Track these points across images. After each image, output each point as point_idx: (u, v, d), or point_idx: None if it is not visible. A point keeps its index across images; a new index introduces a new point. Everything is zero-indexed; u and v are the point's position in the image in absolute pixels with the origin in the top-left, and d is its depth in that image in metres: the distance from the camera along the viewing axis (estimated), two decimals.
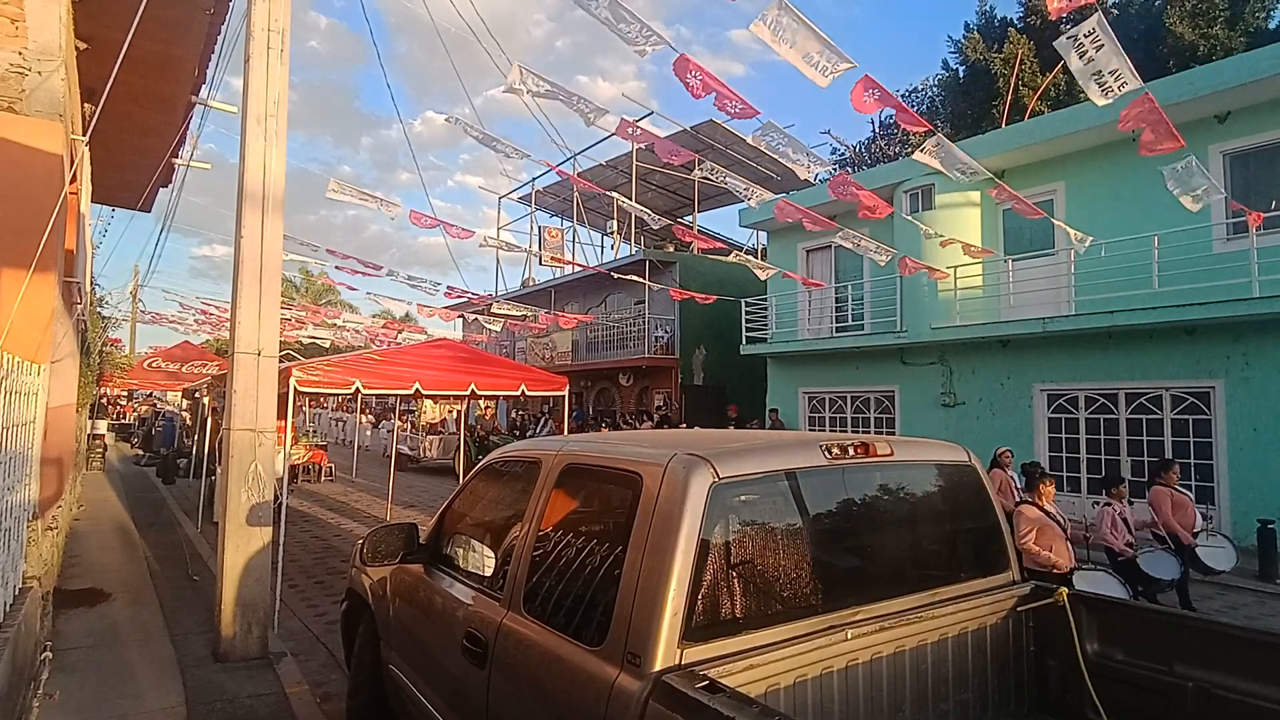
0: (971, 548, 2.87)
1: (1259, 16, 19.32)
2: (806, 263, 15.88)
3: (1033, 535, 5.50)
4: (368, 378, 6.65)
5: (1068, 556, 5.54)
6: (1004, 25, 23.13)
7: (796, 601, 2.28)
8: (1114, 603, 2.88)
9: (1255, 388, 9.44)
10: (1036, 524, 5.58)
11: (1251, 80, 9.30)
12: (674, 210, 24.88)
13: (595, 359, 21.71)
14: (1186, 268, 9.57)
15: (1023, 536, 5.44)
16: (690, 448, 2.31)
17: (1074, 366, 11.14)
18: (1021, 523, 5.56)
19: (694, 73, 5.60)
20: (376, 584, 3.82)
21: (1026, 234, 11.89)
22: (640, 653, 1.98)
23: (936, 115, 24.74)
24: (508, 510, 3.13)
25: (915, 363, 13.36)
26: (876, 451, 2.61)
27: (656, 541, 2.10)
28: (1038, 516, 5.62)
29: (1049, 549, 5.46)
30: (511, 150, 7.56)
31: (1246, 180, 9.85)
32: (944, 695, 2.60)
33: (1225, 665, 2.45)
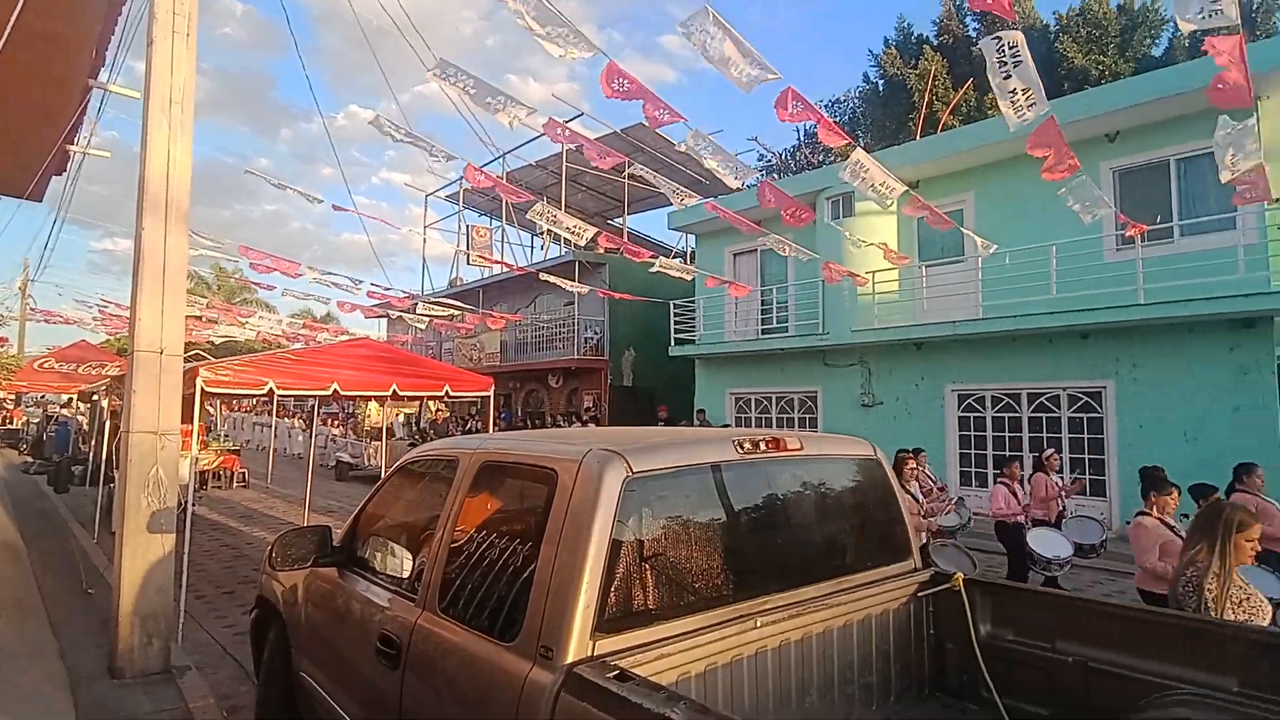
0: (876, 537, 3.01)
1: (1145, 44, 20.86)
2: (733, 266, 16.19)
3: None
4: (282, 378, 6.41)
5: None
6: (920, 42, 24.19)
7: (709, 592, 2.35)
8: (1004, 586, 3.07)
9: (1142, 388, 10.18)
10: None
11: (1137, 103, 10.05)
12: (604, 212, 24.94)
13: (524, 360, 21.52)
14: (1081, 276, 10.25)
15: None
16: (605, 443, 2.34)
17: (982, 368, 11.75)
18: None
19: (621, 80, 5.65)
20: (288, 590, 3.70)
21: (939, 241, 12.47)
22: (553, 646, 2.00)
23: (858, 126, 25.66)
24: (424, 510, 3.09)
25: (836, 364, 13.81)
26: (787, 446, 2.71)
27: (571, 536, 2.12)
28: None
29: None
30: (436, 151, 7.43)
31: (1133, 195, 10.62)
32: (849, 679, 2.72)
33: (1101, 640, 2.65)
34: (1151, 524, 4.67)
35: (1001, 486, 7.16)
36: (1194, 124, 9.60)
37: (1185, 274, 9.51)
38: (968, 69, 20.97)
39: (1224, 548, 2.98)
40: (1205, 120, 8.81)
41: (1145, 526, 4.66)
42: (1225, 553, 2.97)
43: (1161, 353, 10.01)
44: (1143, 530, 4.66)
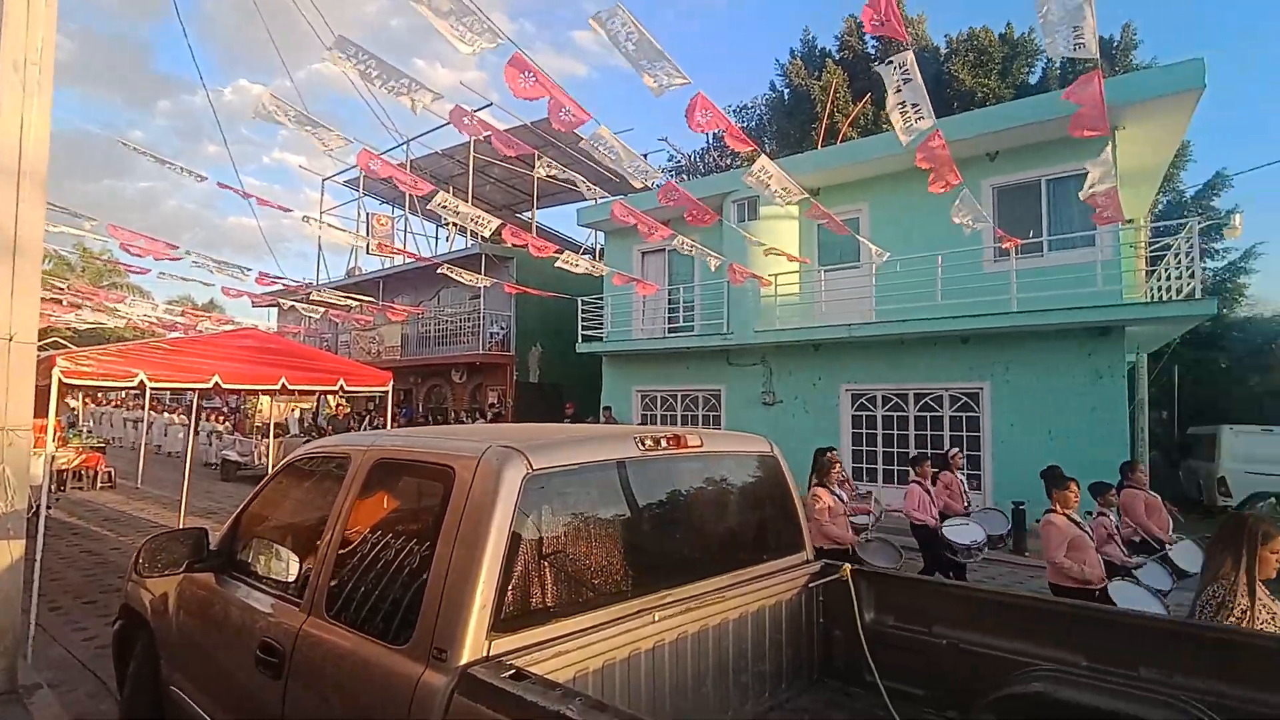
0: (772, 531, 3.11)
1: (1023, 72, 22.53)
2: (642, 264, 16.32)
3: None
4: (155, 369, 5.94)
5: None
6: (823, 55, 25.15)
7: (608, 588, 2.36)
8: (887, 575, 3.24)
9: (1014, 389, 11.00)
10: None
11: (1012, 126, 10.85)
12: (513, 205, 24.55)
13: (427, 355, 20.90)
14: (963, 284, 10.96)
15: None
16: (505, 440, 2.31)
17: (874, 369, 12.36)
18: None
19: (528, 74, 5.57)
20: (158, 599, 3.44)
21: (838, 247, 13.01)
22: (447, 647, 1.95)
23: (764, 132, 26.42)
24: (312, 510, 2.94)
25: (740, 363, 14.17)
26: (688, 444, 2.76)
27: (468, 534, 2.08)
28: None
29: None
30: (328, 137, 7.07)
31: (1010, 211, 11.45)
32: (743, 668, 2.80)
33: (972, 623, 2.85)
34: (1061, 522, 4.86)
35: (915, 485, 7.36)
36: (1062, 149, 10.45)
37: (1052, 285, 10.36)
38: (867, 84, 21.97)
39: (1250, 563, 2.86)
40: (1071, 145, 9.63)
41: (1055, 524, 4.86)
42: (1251, 568, 2.85)
43: (1030, 357, 10.85)
44: (1053, 528, 4.85)
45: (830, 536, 5.92)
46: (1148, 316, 10.00)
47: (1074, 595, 4.56)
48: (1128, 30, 22.09)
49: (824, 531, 5.91)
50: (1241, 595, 2.78)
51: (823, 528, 5.91)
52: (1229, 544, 2.95)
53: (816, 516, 5.90)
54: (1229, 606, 2.76)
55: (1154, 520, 6.76)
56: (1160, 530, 6.68)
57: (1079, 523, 5.00)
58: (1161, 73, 10.44)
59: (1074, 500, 5.00)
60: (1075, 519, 4.98)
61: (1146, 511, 6.83)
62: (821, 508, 6.00)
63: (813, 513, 5.92)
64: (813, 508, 5.97)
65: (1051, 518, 4.93)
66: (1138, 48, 22.06)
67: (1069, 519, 4.92)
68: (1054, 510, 4.97)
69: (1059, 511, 4.94)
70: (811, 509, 5.95)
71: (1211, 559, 3.00)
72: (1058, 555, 4.78)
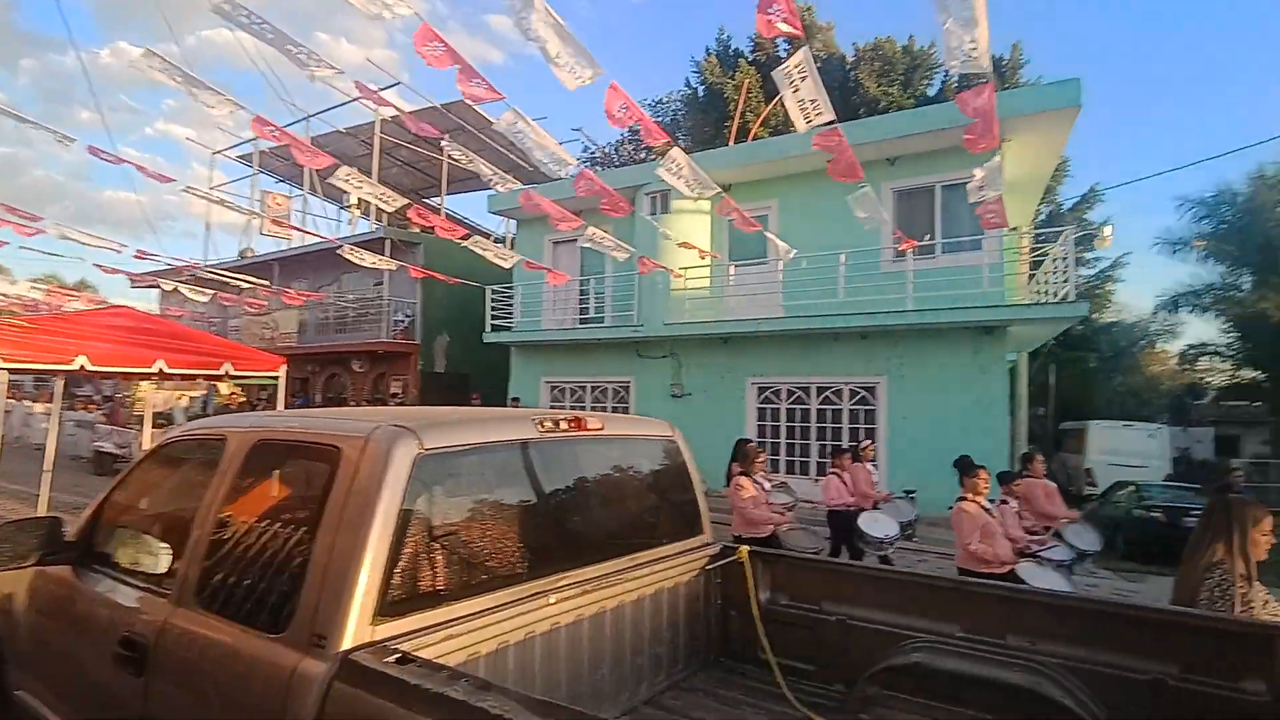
0: (672, 514, 3.14)
1: (924, 83, 23.73)
2: (553, 254, 16.17)
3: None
4: (8, 349, 5.39)
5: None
6: (737, 55, 25.64)
7: (503, 570, 2.31)
8: (781, 556, 3.34)
9: (907, 384, 11.59)
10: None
11: (910, 133, 11.40)
12: (421, 189, 23.80)
13: (326, 342, 19.97)
14: (863, 283, 11.44)
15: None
16: (396, 420, 2.22)
17: (779, 362, 12.73)
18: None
19: (435, 45, 5.39)
20: (3, 597, 3.12)
21: (747, 243, 13.29)
22: (327, 634, 1.86)
23: (679, 128, 26.69)
24: (184, 496, 2.74)
25: (649, 355, 14.28)
26: (588, 426, 2.74)
27: (353, 516, 1.99)
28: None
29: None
30: (217, 101, 6.60)
31: (907, 214, 12.03)
32: (640, 650, 2.82)
33: (858, 600, 2.97)
34: (973, 509, 4.93)
35: (833, 476, 7.49)
36: (955, 157, 11.04)
37: (943, 286, 10.96)
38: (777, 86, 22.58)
39: (1243, 546, 2.85)
40: (964, 154, 10.17)
41: (967, 512, 4.93)
42: (1245, 551, 2.84)
43: (922, 353, 11.45)
44: (965, 515, 4.91)
45: (753, 523, 5.90)
46: (1027, 317, 10.74)
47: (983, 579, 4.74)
48: (1016, 50, 23.64)
49: (747, 519, 5.91)
50: (1240, 580, 2.77)
51: (746, 515, 5.90)
52: (1220, 530, 2.91)
53: (740, 504, 5.91)
54: (1231, 596, 2.73)
55: (1052, 507, 7.22)
56: (1059, 515, 7.13)
57: (989, 509, 5.09)
58: (1043, 90, 11.22)
59: (984, 488, 5.08)
60: (986, 506, 5.07)
61: (1044, 499, 7.32)
62: (746, 496, 5.98)
63: (737, 501, 5.94)
64: (737, 496, 5.96)
65: (964, 505, 5.00)
66: (1025, 66, 23.65)
67: (980, 506, 5.01)
68: (965, 498, 5.04)
69: (970, 499, 5.01)
70: (735, 497, 5.96)
71: (1200, 546, 2.94)
72: (972, 541, 4.86)
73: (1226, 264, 23.71)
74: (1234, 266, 23.63)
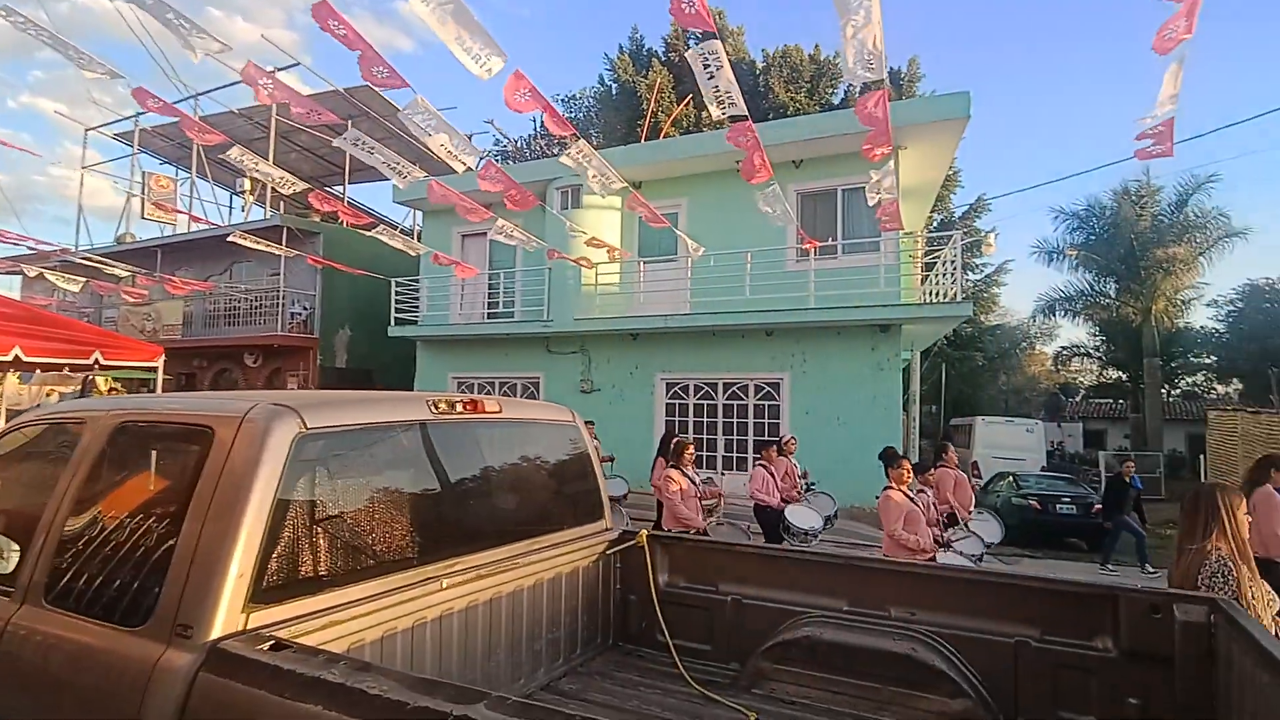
0: (571, 499, 3.13)
1: (829, 91, 24.64)
2: (462, 247, 15.81)
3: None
4: None
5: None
6: (650, 54, 25.84)
7: (392, 555, 2.24)
8: (680, 540, 3.39)
9: (809, 380, 12.00)
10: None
11: (814, 137, 11.82)
12: (323, 177, 22.76)
13: (215, 335, 18.77)
14: (769, 281, 11.78)
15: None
16: (276, 399, 2.11)
17: (687, 359, 12.92)
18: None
19: (336, 24, 5.17)
20: None
21: (657, 240, 13.43)
22: (193, 624, 1.75)
23: (592, 125, 26.65)
24: (32, 487, 2.51)
25: (559, 351, 14.19)
26: (485, 408, 2.69)
27: (225, 500, 1.87)
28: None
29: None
30: (93, 63, 6.09)
31: (811, 215, 12.46)
32: (537, 636, 2.79)
33: (752, 579, 3.06)
34: (899, 498, 5.08)
35: (760, 469, 7.56)
36: (856, 162, 11.44)
37: (843, 285, 11.42)
38: (690, 86, 22.89)
39: (1234, 529, 2.88)
40: (864, 160, 10.66)
41: (893, 500, 5.07)
42: (1236, 534, 2.88)
43: (823, 350, 11.89)
44: (891, 503, 5.05)
45: (681, 518, 5.87)
46: (920, 316, 11.34)
47: None
48: (914, 64, 24.93)
49: (676, 514, 5.86)
50: (1238, 562, 2.80)
51: (675, 510, 5.85)
52: (1211, 516, 2.94)
53: (669, 498, 5.85)
54: (1233, 582, 2.73)
55: (959, 496, 7.47)
56: (965, 505, 7.50)
57: (912, 497, 5.26)
58: (934, 101, 11.88)
59: (907, 477, 5.24)
60: (909, 494, 5.25)
61: (955, 488, 7.53)
62: (675, 490, 5.93)
63: (665, 495, 5.88)
64: (666, 489, 5.91)
65: (890, 493, 5.15)
66: (922, 80, 24.96)
67: (905, 495, 5.17)
68: (891, 487, 5.20)
69: (896, 488, 5.17)
70: (665, 491, 5.91)
71: (1190, 533, 2.98)
72: (896, 528, 5.00)
73: (1094, 272, 25.85)
74: (1100, 275, 25.79)
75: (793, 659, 2.81)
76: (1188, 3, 3.37)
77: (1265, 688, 1.79)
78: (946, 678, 2.54)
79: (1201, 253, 23.59)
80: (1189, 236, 23.39)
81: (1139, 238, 23.94)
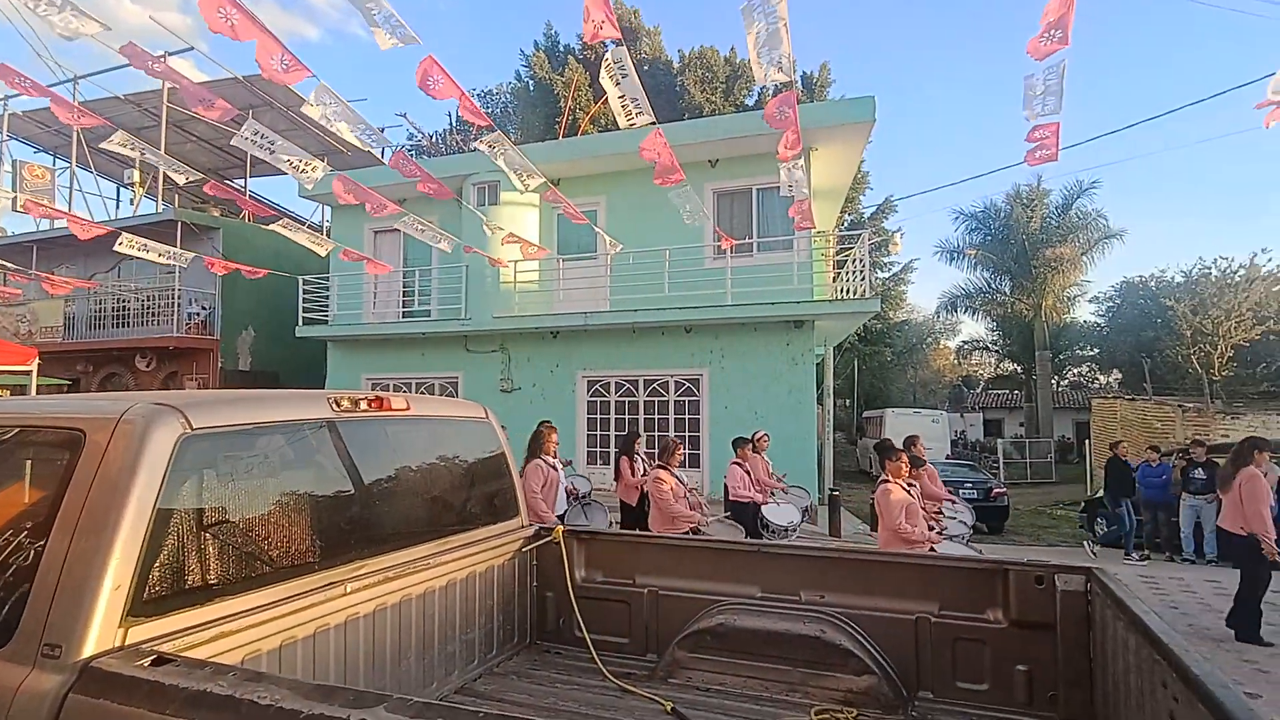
0: (485, 497, 3.07)
1: (743, 93, 25.13)
2: (374, 243, 15.29)
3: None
4: None
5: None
6: (566, 52, 25.68)
7: (290, 561, 2.14)
8: (597, 535, 3.37)
9: (727, 375, 12.22)
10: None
11: (729, 137, 12.04)
12: (221, 169, 21.52)
13: (102, 338, 17.45)
14: (687, 278, 11.92)
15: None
16: (158, 399, 1.97)
17: (608, 356, 12.92)
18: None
19: (226, 12, 4.89)
20: None
21: (576, 238, 13.37)
22: (61, 642, 1.61)
23: (509, 121, 26.28)
24: None
25: (478, 350, 13.93)
26: (391, 406, 2.60)
27: (98, 509, 1.73)
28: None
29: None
30: None
31: (727, 214, 12.69)
32: (450, 637, 2.73)
33: (668, 571, 3.08)
34: (898, 491, 4.95)
35: (735, 467, 7.44)
36: (770, 162, 11.72)
37: (759, 282, 11.68)
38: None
39: None
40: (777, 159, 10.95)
41: (892, 493, 4.92)
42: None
43: (741, 346, 12.14)
44: (890, 497, 4.90)
45: (680, 516, 5.68)
46: (831, 312, 11.72)
47: None
48: (825, 69, 25.73)
49: (671, 512, 5.65)
50: None
51: (670, 509, 5.65)
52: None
53: (661, 498, 5.67)
54: None
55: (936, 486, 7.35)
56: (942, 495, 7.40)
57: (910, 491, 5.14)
58: (842, 105, 12.31)
59: (904, 471, 5.12)
60: (906, 487, 5.11)
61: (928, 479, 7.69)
62: (666, 489, 5.72)
63: (657, 495, 5.66)
64: (657, 490, 5.71)
65: (889, 487, 5.00)
66: (832, 85, 25.79)
67: (902, 488, 5.04)
68: (888, 480, 5.06)
69: (894, 481, 5.04)
70: (655, 491, 5.68)
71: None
72: (901, 521, 4.83)
73: (991, 271, 27.45)
74: (996, 273, 27.40)
75: (708, 647, 2.85)
76: (1058, 14, 3.61)
77: (1134, 649, 1.94)
78: (853, 656, 2.63)
79: (1084, 252, 25.44)
80: (1073, 237, 25.16)
81: (1030, 238, 25.59)
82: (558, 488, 5.86)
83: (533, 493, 5.49)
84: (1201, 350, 25.60)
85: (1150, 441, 13.45)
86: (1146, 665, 1.80)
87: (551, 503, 5.67)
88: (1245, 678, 4.71)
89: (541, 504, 5.52)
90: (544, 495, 5.55)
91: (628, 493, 7.24)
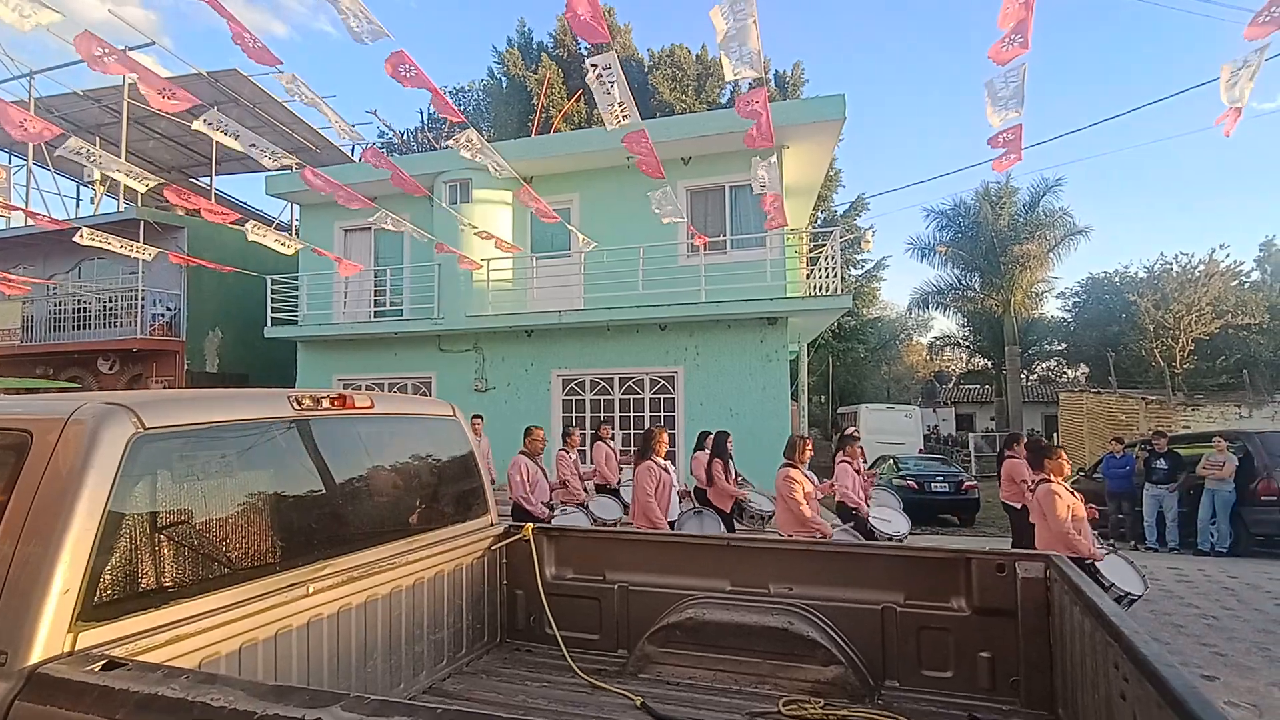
0: (452, 495, 3.05)
1: (715, 91, 25.21)
2: (344, 242, 15.09)
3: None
4: None
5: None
6: (540, 49, 25.56)
7: (250, 562, 2.10)
8: (566, 531, 3.36)
9: (702, 372, 12.26)
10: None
11: (702, 135, 12.07)
12: (186, 167, 21.13)
13: (62, 340, 17.02)
14: (661, 276, 11.93)
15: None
16: (109, 399, 1.93)
17: (582, 354, 12.89)
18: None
19: None
20: None
21: (550, 236, 13.32)
22: (8, 649, 1.57)
23: (482, 118, 26.09)
24: None
25: (451, 350, 13.81)
26: (355, 404, 2.57)
27: (45, 512, 1.69)
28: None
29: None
30: None
31: (701, 211, 12.73)
32: (418, 637, 2.70)
33: (638, 566, 3.08)
34: (1063, 492, 4.66)
35: (845, 466, 6.84)
36: (743, 159, 11.82)
37: (733, 280, 11.73)
38: (579, 82, 22.84)
39: None
40: (750, 157, 10.99)
41: (1058, 495, 4.61)
42: None
43: (716, 343, 12.19)
44: (1056, 499, 4.59)
45: (805, 525, 5.21)
46: (805, 309, 11.80)
47: None
48: (798, 68, 25.90)
49: (799, 516, 5.22)
50: None
51: (798, 514, 5.23)
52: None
53: (792, 499, 5.25)
54: None
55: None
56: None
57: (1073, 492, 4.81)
58: (812, 103, 12.38)
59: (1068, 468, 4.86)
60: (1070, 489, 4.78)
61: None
62: (799, 492, 5.29)
63: (787, 495, 5.30)
64: (788, 490, 5.31)
65: (1052, 487, 4.70)
66: (806, 84, 25.97)
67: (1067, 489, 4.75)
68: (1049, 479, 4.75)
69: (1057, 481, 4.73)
70: (786, 492, 5.32)
71: None
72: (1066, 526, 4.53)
73: (961, 267, 27.84)
74: (966, 270, 27.80)
75: (678, 641, 2.86)
76: (1018, 18, 3.67)
77: (1089, 633, 1.98)
78: (821, 647, 2.66)
79: (1051, 249, 25.90)
80: (1040, 234, 25.61)
81: (998, 235, 25.99)
82: (671, 490, 5.52)
83: (646, 495, 5.17)
84: (1164, 344, 26.24)
85: (1115, 433, 13.75)
86: (1100, 648, 1.84)
87: (665, 506, 5.33)
88: (1204, 661, 4.84)
89: (655, 508, 5.17)
90: (657, 498, 5.21)
91: (720, 498, 6.74)
